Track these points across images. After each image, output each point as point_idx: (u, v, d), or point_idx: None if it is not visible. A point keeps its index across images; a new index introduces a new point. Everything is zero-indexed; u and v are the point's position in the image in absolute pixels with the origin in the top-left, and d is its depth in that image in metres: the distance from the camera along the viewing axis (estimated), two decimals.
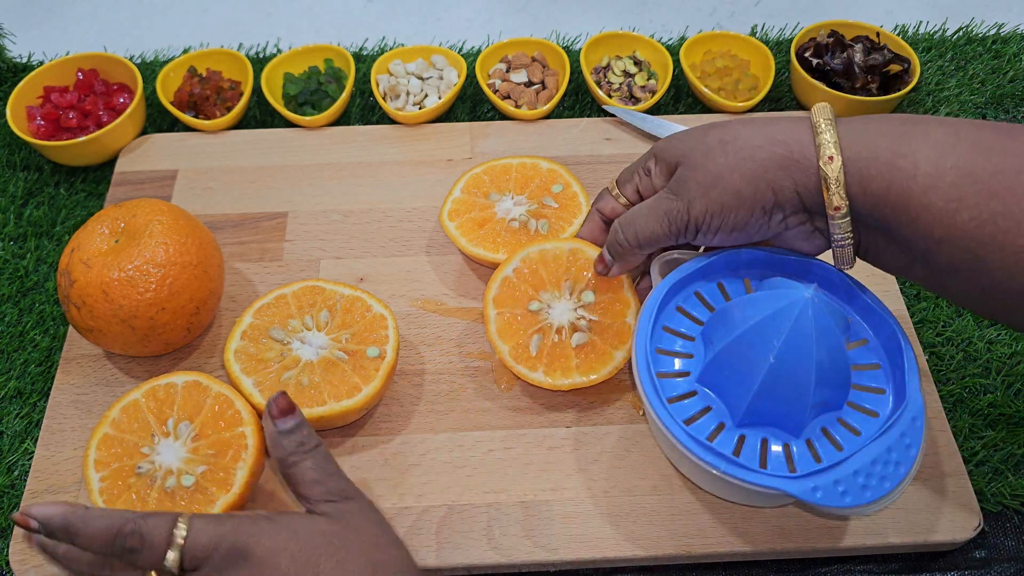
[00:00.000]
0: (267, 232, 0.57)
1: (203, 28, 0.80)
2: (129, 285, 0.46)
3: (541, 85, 0.66)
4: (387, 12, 0.83)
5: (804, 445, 0.42)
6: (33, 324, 0.55)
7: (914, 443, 0.40)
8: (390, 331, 0.48)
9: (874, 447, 0.39)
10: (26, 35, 0.75)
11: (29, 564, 0.44)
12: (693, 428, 0.42)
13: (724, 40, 0.68)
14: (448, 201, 0.56)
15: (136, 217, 0.49)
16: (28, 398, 0.51)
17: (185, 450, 0.43)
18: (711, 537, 0.44)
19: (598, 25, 0.71)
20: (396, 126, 0.64)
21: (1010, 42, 0.71)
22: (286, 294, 0.49)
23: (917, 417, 0.40)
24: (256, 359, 0.47)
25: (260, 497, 0.46)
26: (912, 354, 0.42)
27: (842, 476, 0.39)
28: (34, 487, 0.46)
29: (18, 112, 0.62)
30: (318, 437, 0.40)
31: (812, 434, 0.42)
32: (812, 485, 0.39)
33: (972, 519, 0.45)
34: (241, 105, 0.64)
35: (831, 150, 0.38)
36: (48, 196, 0.61)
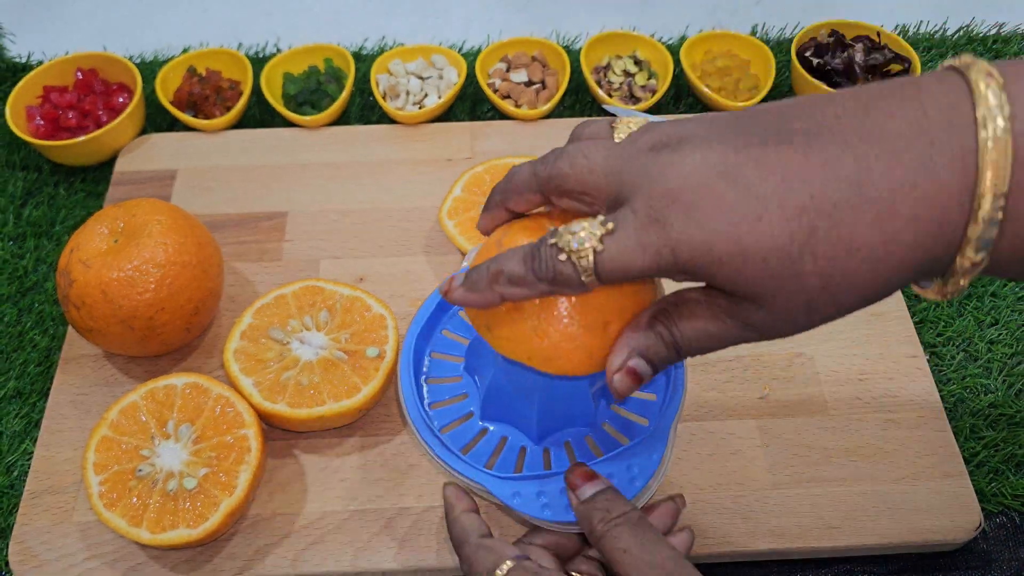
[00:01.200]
0: (266, 232, 0.57)
1: (202, 28, 0.80)
2: (128, 285, 0.46)
3: (541, 84, 0.66)
4: (387, 11, 0.83)
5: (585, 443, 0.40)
6: (32, 324, 0.54)
7: (640, 477, 0.37)
8: (390, 331, 0.48)
9: (598, 468, 0.37)
10: (25, 35, 0.74)
11: (29, 565, 0.44)
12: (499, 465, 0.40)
13: (724, 39, 0.68)
14: (448, 200, 0.55)
15: (135, 217, 0.49)
16: (27, 398, 0.51)
17: (187, 453, 0.43)
18: (711, 538, 0.44)
19: (598, 24, 0.71)
20: (396, 126, 0.64)
21: (1011, 42, 0.71)
22: (285, 294, 0.49)
23: (656, 453, 0.37)
24: (255, 359, 0.47)
25: (260, 499, 0.46)
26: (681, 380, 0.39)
27: (548, 488, 0.36)
28: (33, 488, 0.46)
29: (17, 112, 0.62)
30: (629, 504, 0.34)
31: (597, 433, 0.40)
32: (513, 491, 0.36)
33: (973, 519, 0.45)
34: (240, 105, 0.63)
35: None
36: (47, 196, 0.61)
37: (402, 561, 0.44)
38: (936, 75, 0.25)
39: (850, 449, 0.47)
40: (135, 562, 0.44)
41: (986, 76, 0.23)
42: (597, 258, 0.27)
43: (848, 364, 0.51)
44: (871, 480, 0.46)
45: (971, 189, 0.23)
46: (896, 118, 0.24)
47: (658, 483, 0.37)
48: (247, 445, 0.44)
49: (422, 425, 0.40)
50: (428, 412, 0.41)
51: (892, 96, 0.24)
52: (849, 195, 0.23)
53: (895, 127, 0.23)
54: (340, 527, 0.45)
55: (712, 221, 0.25)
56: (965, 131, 0.23)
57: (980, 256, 0.24)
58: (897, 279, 0.25)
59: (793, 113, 0.26)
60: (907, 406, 0.49)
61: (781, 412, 0.49)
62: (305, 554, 0.44)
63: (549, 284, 0.29)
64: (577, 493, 0.35)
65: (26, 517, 0.45)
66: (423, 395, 0.42)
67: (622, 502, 0.34)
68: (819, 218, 0.24)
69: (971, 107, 0.23)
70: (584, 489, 0.34)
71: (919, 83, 0.24)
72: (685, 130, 0.27)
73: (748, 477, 0.46)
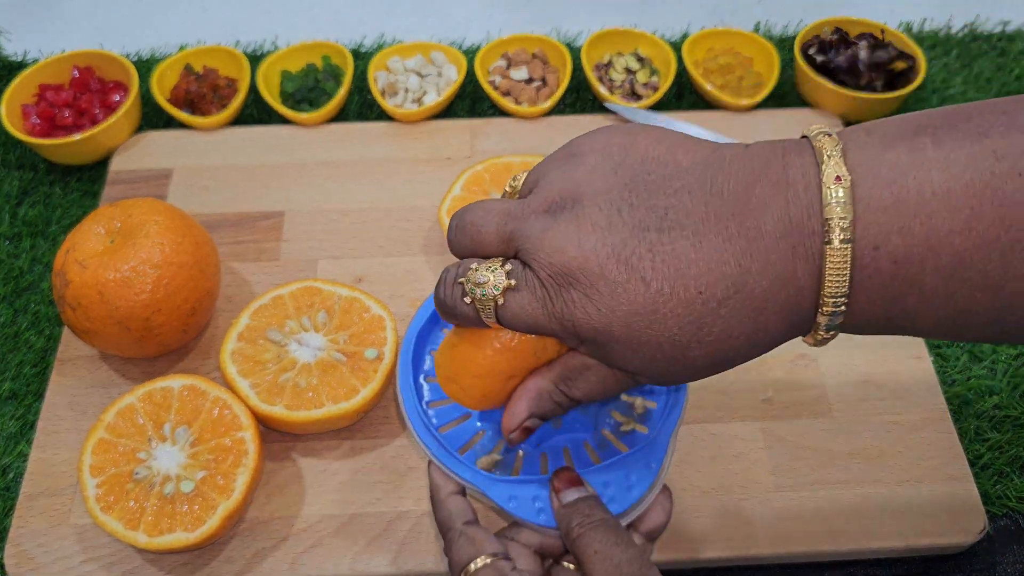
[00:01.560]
0: (264, 232, 0.57)
1: (199, 25, 0.80)
2: (125, 286, 0.46)
3: (542, 82, 0.65)
4: (386, 9, 0.82)
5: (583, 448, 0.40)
6: (28, 325, 0.54)
7: (638, 485, 0.36)
8: (388, 332, 0.48)
9: (595, 476, 0.36)
10: (21, 33, 0.74)
11: (25, 568, 0.43)
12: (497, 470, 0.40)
13: (727, 37, 0.67)
14: (448, 198, 0.55)
15: (132, 217, 0.48)
16: (23, 399, 0.51)
17: (184, 455, 0.43)
18: (714, 541, 0.44)
19: (599, 22, 0.71)
20: (394, 123, 0.63)
21: (1016, 39, 0.71)
22: (283, 295, 0.49)
23: (655, 462, 0.37)
24: (253, 361, 0.46)
25: (258, 502, 0.46)
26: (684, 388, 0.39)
27: (544, 493, 0.36)
28: (29, 490, 0.46)
29: (13, 110, 0.61)
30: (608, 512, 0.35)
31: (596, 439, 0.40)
32: (509, 494, 0.36)
33: (977, 522, 0.45)
34: (238, 103, 0.63)
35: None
36: (43, 195, 0.61)
37: (400, 565, 0.43)
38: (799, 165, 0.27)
39: (854, 452, 0.47)
40: (132, 565, 0.43)
41: (835, 181, 0.26)
42: (498, 309, 0.30)
43: (852, 366, 0.50)
44: (875, 483, 0.46)
45: (819, 291, 0.27)
46: (768, 215, 0.27)
47: (656, 492, 0.37)
48: (245, 448, 0.43)
49: (419, 423, 0.39)
50: (426, 410, 0.41)
51: (766, 182, 0.27)
52: (731, 293, 0.27)
53: (768, 227, 0.27)
54: (338, 531, 0.45)
55: (610, 308, 0.28)
56: (816, 238, 0.26)
57: (831, 332, 0.29)
58: (767, 349, 0.29)
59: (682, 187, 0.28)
60: (911, 408, 0.49)
61: (784, 414, 0.48)
62: (303, 558, 0.44)
63: (453, 319, 0.32)
64: (560, 496, 0.35)
65: (22, 520, 0.45)
66: (422, 394, 0.42)
67: (602, 509, 0.35)
68: (706, 314, 0.27)
69: (821, 211, 0.26)
70: (567, 493, 0.35)
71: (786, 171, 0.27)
72: (578, 187, 0.29)
73: (751, 480, 0.46)
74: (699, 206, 0.27)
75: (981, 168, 0.25)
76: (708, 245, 0.27)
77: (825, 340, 0.29)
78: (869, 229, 0.26)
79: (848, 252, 0.26)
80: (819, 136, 0.28)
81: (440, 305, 0.32)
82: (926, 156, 0.26)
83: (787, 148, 0.28)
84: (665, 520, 0.37)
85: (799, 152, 0.28)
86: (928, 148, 0.26)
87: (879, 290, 0.27)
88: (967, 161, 0.25)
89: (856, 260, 0.26)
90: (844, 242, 0.26)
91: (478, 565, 0.34)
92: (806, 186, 0.27)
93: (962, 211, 0.25)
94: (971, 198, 0.25)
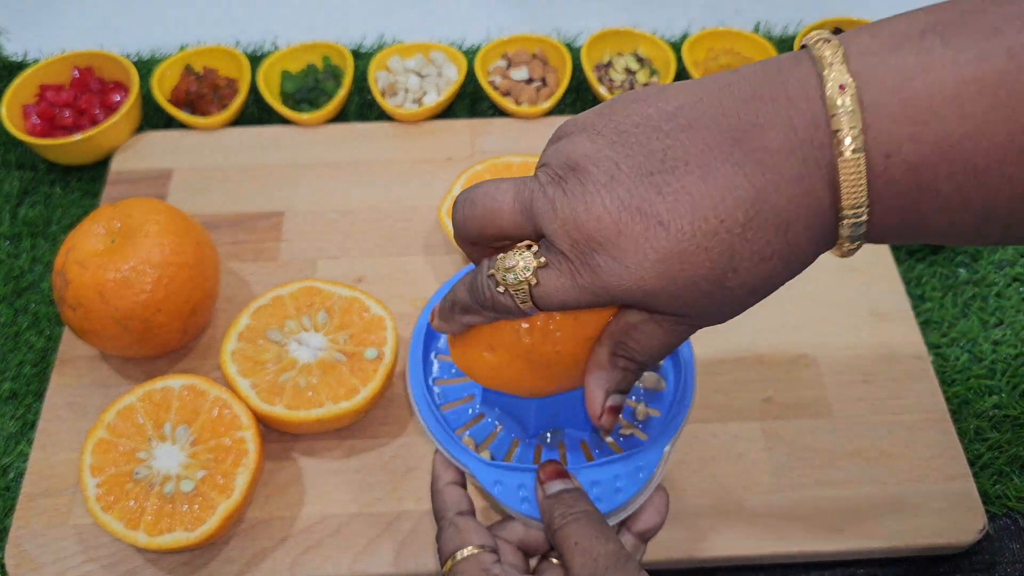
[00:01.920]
0: (263, 232, 0.57)
1: (200, 26, 0.80)
2: (125, 286, 0.46)
3: (542, 82, 0.65)
4: (385, 8, 0.82)
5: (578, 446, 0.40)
6: (28, 325, 0.54)
7: (624, 490, 0.36)
8: (388, 332, 0.48)
9: (584, 474, 0.37)
10: (21, 33, 0.74)
11: (25, 568, 0.43)
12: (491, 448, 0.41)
13: (727, 37, 0.67)
14: (448, 198, 0.55)
15: (132, 217, 0.48)
16: (23, 399, 0.51)
17: (184, 455, 0.43)
18: (713, 541, 0.44)
19: (599, 22, 0.71)
20: (395, 123, 0.63)
21: None
22: (283, 295, 0.49)
23: (644, 469, 0.37)
24: (253, 361, 0.46)
25: (258, 502, 0.46)
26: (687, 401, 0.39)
27: (529, 482, 0.36)
28: (30, 490, 0.46)
29: (13, 110, 0.61)
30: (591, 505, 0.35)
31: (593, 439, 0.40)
32: (496, 478, 0.36)
33: (977, 522, 0.45)
34: (238, 103, 0.63)
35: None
36: (43, 195, 0.61)
37: (401, 565, 0.43)
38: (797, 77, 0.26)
39: (854, 451, 0.47)
40: (132, 565, 0.43)
41: (839, 89, 0.25)
42: (533, 291, 0.29)
43: (852, 366, 0.50)
44: (875, 483, 0.46)
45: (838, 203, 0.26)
46: (772, 133, 0.26)
47: (644, 497, 0.37)
48: (245, 448, 0.43)
49: (421, 398, 0.40)
50: (431, 386, 0.41)
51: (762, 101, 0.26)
52: (752, 214, 0.26)
53: (775, 145, 0.26)
54: (338, 531, 0.45)
55: (637, 262, 0.27)
56: (827, 150, 0.25)
57: (855, 244, 0.27)
58: (803, 267, 0.28)
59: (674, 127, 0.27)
60: (911, 408, 0.49)
61: (785, 414, 0.48)
62: (303, 558, 0.44)
63: (492, 312, 0.31)
64: (544, 487, 0.35)
65: (22, 520, 0.45)
66: (431, 370, 0.42)
67: (585, 502, 0.35)
68: (733, 240, 0.26)
69: (827, 121, 0.25)
70: (551, 484, 0.35)
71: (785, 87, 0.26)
72: (573, 155, 0.28)
73: (752, 480, 0.46)
74: (696, 140, 0.27)
75: (993, 67, 0.24)
76: (717, 173, 0.26)
77: (852, 251, 0.28)
78: (879, 137, 0.25)
79: (861, 161, 0.25)
80: (819, 44, 0.26)
81: (478, 302, 0.31)
82: (934, 57, 0.24)
83: (783, 63, 0.27)
84: (659, 522, 0.37)
85: (796, 64, 0.27)
86: (936, 48, 0.24)
87: (894, 199, 0.26)
88: (978, 61, 0.24)
89: (869, 170, 0.25)
90: (856, 151, 0.25)
91: (464, 555, 0.34)
92: (808, 98, 0.26)
93: (974, 114, 0.24)
94: (983, 99, 0.24)
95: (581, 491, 0.35)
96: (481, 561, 0.34)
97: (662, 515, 0.37)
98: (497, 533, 0.37)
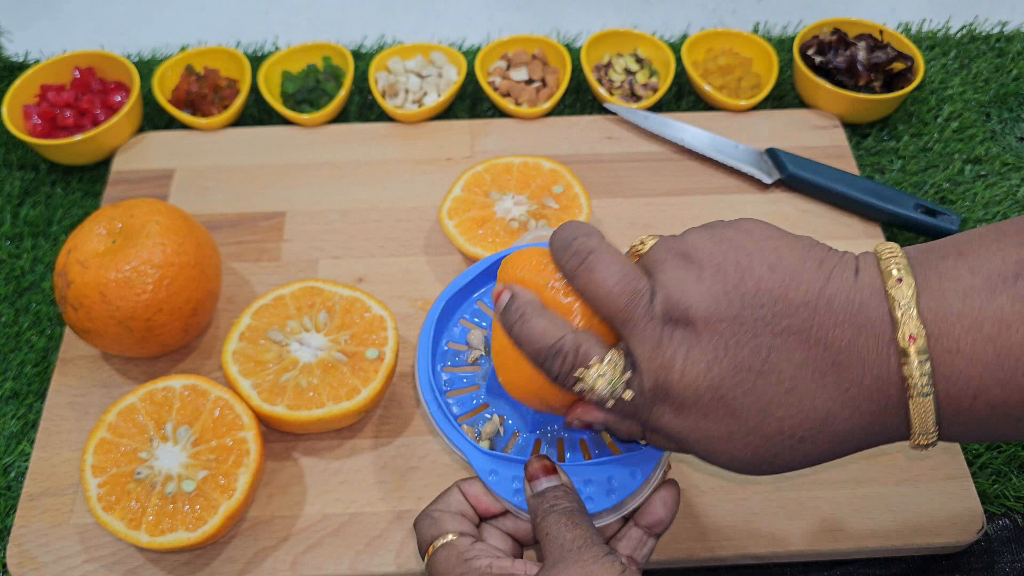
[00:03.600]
0: (265, 232, 0.57)
1: (200, 26, 0.80)
2: (126, 286, 0.46)
3: (542, 83, 0.65)
4: (386, 9, 0.82)
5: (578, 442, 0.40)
6: (29, 324, 0.54)
7: (618, 492, 0.37)
8: (389, 332, 0.48)
9: (578, 472, 0.37)
10: (23, 33, 0.74)
11: (27, 567, 0.43)
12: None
13: (726, 38, 0.68)
14: (448, 199, 0.55)
15: (133, 217, 0.48)
16: (24, 399, 0.51)
17: (185, 455, 0.43)
18: (712, 541, 0.44)
19: (599, 23, 0.71)
20: (395, 124, 0.63)
21: (1014, 40, 0.71)
22: (284, 295, 0.49)
23: (641, 472, 0.37)
24: (254, 361, 0.46)
25: (259, 502, 0.46)
26: None
27: (522, 475, 0.37)
28: (31, 489, 0.46)
29: (14, 111, 0.61)
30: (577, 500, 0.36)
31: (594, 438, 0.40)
32: (491, 468, 0.37)
33: (975, 522, 0.45)
34: (238, 103, 0.63)
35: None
36: (44, 195, 0.61)
37: (401, 565, 0.44)
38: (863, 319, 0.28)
39: None
40: (133, 565, 0.44)
41: (909, 339, 0.27)
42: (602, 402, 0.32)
43: None
44: (874, 482, 0.46)
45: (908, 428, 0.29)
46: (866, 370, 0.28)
47: (636, 502, 0.37)
48: (246, 447, 0.43)
49: (427, 384, 0.40)
50: (439, 372, 0.41)
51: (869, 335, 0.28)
52: (813, 433, 0.29)
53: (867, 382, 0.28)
54: (339, 530, 0.45)
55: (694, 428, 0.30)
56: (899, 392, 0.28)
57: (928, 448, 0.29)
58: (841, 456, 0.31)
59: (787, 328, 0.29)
60: None
61: None
62: (304, 557, 0.44)
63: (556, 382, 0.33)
64: (532, 485, 0.36)
65: (24, 519, 0.45)
66: (441, 356, 0.42)
67: (568, 499, 0.35)
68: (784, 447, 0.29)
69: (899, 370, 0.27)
70: (540, 482, 0.36)
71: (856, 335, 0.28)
72: (692, 307, 0.30)
73: (751, 480, 0.46)
74: (801, 349, 0.28)
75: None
76: (803, 389, 0.28)
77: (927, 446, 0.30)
78: (971, 383, 0.27)
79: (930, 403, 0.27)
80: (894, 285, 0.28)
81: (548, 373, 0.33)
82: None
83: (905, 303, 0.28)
84: (666, 516, 0.37)
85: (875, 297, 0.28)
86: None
87: (973, 424, 0.28)
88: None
89: (953, 404, 0.27)
90: (926, 396, 0.27)
91: (442, 543, 0.35)
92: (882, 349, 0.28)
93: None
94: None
95: (567, 487, 0.36)
96: (458, 547, 0.35)
97: (670, 509, 0.37)
98: (490, 522, 0.37)
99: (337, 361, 0.47)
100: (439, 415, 0.39)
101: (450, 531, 0.35)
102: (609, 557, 0.33)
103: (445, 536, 0.35)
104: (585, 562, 0.32)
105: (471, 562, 0.34)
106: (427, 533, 0.36)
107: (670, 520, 0.37)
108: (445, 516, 0.36)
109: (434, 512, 0.36)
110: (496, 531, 0.37)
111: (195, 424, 0.44)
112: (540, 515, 0.35)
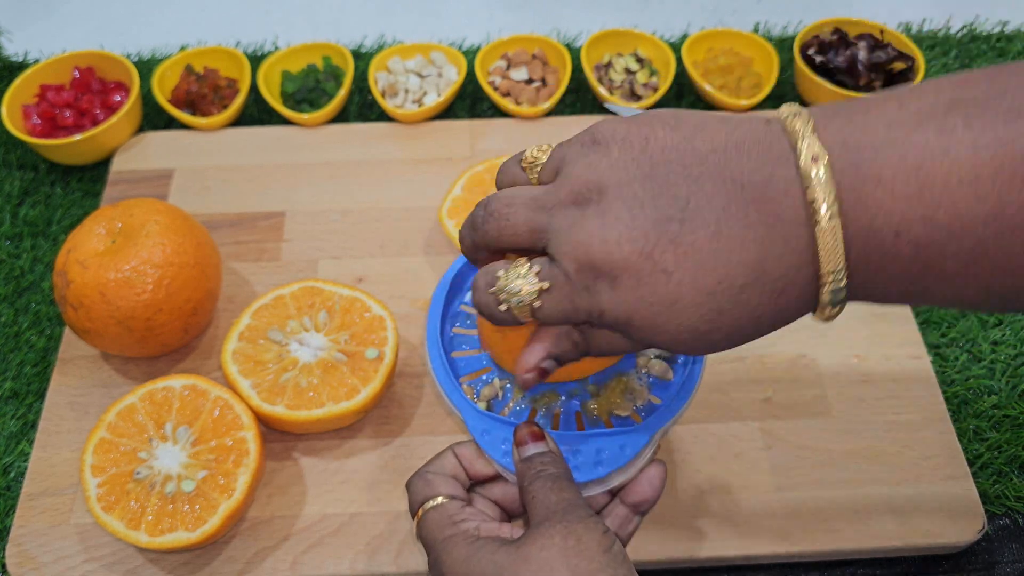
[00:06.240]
0: (264, 232, 0.57)
1: (200, 26, 0.80)
2: (126, 286, 0.46)
3: (542, 82, 0.65)
4: (386, 9, 0.82)
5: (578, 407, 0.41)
6: (29, 324, 0.54)
7: (605, 464, 0.37)
8: (389, 332, 0.48)
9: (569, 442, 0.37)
10: (22, 33, 0.74)
11: (26, 567, 0.43)
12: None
13: (726, 37, 0.68)
14: (448, 199, 0.55)
15: (133, 217, 0.48)
16: (24, 399, 0.51)
17: (185, 455, 0.43)
18: (714, 541, 0.44)
19: (599, 22, 0.71)
20: (395, 124, 0.63)
21: (1014, 40, 0.71)
22: (284, 295, 0.49)
23: (630, 448, 0.37)
24: (254, 361, 0.46)
25: (259, 502, 0.46)
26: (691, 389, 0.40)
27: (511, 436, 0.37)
28: (31, 489, 0.46)
29: (14, 110, 0.61)
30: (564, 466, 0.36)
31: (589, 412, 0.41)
32: (484, 427, 0.38)
33: (976, 522, 0.45)
34: (238, 103, 0.63)
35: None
36: (44, 195, 0.61)
37: (401, 565, 0.44)
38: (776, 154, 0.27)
39: (853, 451, 0.47)
40: (133, 565, 0.44)
41: (812, 160, 0.26)
42: (534, 310, 0.31)
43: (851, 366, 0.50)
44: (874, 482, 0.46)
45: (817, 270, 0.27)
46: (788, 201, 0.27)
47: (624, 478, 0.37)
48: (246, 447, 0.43)
49: (434, 341, 0.41)
50: (448, 332, 0.42)
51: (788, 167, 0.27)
52: (752, 279, 0.28)
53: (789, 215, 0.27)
54: (339, 530, 0.45)
55: (634, 299, 0.28)
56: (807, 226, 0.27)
57: (836, 308, 0.28)
58: (785, 324, 0.30)
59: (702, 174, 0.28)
60: (910, 408, 0.49)
61: (784, 414, 0.49)
62: (304, 557, 0.44)
63: (493, 320, 0.32)
64: (520, 450, 0.36)
65: (23, 519, 0.45)
66: (452, 316, 0.43)
67: (555, 464, 0.35)
68: (726, 301, 0.28)
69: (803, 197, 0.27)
70: (528, 448, 0.36)
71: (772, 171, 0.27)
72: (602, 178, 0.29)
73: (751, 480, 0.46)
74: (719, 193, 0.27)
75: (1012, 152, 0.24)
76: (729, 232, 0.27)
77: (833, 316, 0.29)
78: (892, 217, 0.26)
79: (837, 226, 0.26)
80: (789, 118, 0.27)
81: (479, 309, 0.32)
82: (955, 138, 0.25)
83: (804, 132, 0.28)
84: (652, 495, 0.37)
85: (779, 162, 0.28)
86: (958, 129, 0.25)
87: (898, 271, 0.27)
88: (997, 145, 0.24)
89: (877, 245, 0.26)
90: (831, 218, 0.26)
91: (431, 505, 0.35)
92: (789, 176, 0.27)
93: (988, 199, 0.25)
94: (999, 185, 0.24)
95: (555, 454, 0.36)
96: (448, 509, 0.35)
97: (655, 488, 0.37)
98: (479, 490, 0.38)
99: (337, 361, 0.46)
100: (440, 370, 0.40)
101: (441, 494, 0.36)
102: (593, 519, 0.33)
103: (436, 499, 0.36)
104: (569, 522, 0.32)
105: (460, 524, 0.34)
106: (419, 494, 0.36)
107: (655, 499, 0.38)
108: (438, 479, 0.37)
109: (427, 473, 0.37)
110: (485, 499, 0.38)
111: (195, 424, 0.44)
112: (527, 479, 0.35)
